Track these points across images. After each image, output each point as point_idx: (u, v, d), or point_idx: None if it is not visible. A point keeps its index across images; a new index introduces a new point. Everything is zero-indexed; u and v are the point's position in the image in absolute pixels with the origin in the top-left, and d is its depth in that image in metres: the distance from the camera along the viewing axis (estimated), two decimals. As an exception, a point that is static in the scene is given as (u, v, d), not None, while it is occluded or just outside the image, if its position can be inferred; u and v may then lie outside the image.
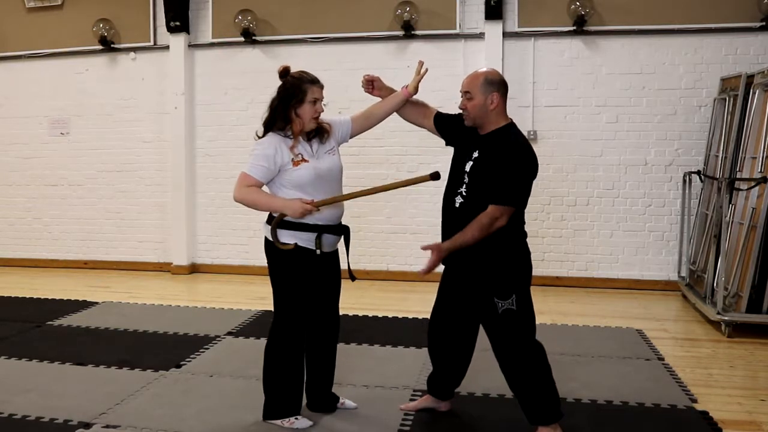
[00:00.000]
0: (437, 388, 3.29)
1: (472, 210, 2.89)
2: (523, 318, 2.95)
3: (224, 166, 7.00)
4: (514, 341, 2.96)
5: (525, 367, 2.96)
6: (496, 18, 6.32)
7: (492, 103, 2.92)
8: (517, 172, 2.86)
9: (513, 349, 2.97)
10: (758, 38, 6.03)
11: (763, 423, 3.26)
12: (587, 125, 6.35)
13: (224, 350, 4.37)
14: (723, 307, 4.77)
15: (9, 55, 7.46)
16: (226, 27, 6.88)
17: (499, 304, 2.90)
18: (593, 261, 6.44)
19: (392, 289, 6.35)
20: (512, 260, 2.95)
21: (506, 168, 2.84)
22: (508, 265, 2.94)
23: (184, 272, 7.10)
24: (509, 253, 2.94)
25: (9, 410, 3.31)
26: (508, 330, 2.94)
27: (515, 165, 2.86)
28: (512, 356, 2.97)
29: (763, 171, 4.86)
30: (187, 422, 3.22)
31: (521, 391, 2.99)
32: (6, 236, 7.66)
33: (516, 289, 2.92)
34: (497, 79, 2.97)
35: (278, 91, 3.09)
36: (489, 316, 2.96)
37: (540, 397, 2.96)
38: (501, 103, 2.95)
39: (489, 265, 2.92)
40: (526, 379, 2.97)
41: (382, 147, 6.51)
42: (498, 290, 2.91)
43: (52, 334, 4.72)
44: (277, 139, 3.03)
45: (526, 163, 2.89)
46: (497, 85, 2.95)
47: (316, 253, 3.02)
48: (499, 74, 3.03)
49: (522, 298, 2.94)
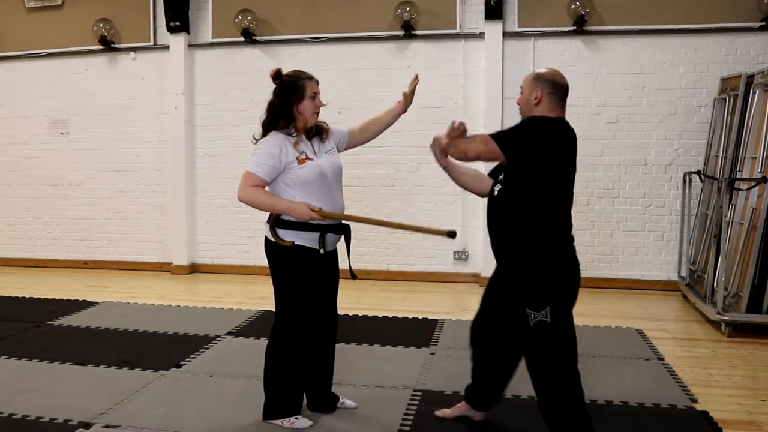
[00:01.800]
0: (473, 396, 3.15)
1: (510, 196, 2.81)
2: (559, 334, 2.72)
3: (224, 166, 7.00)
4: (547, 359, 2.74)
5: (557, 389, 2.74)
6: (496, 18, 6.32)
7: (536, 98, 2.84)
8: (517, 126, 2.81)
9: (545, 368, 2.75)
10: (758, 38, 6.03)
11: (763, 423, 3.26)
12: (587, 125, 6.34)
13: (224, 350, 4.37)
14: (723, 307, 4.77)
15: (9, 55, 7.46)
16: (226, 27, 6.88)
17: (531, 315, 2.70)
18: (593, 261, 6.44)
19: (392, 289, 6.35)
20: (550, 267, 2.74)
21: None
22: (545, 273, 2.73)
23: (184, 272, 7.10)
24: (546, 259, 2.74)
25: (9, 410, 3.31)
26: (539, 346, 2.74)
27: (519, 124, 2.83)
28: (544, 376, 2.76)
29: (763, 171, 4.86)
30: (187, 422, 3.22)
31: (550, 412, 2.79)
32: (6, 236, 7.66)
33: (551, 301, 2.70)
34: (546, 77, 2.87)
35: (275, 92, 3.09)
36: (522, 328, 2.75)
37: (569, 421, 2.76)
38: (545, 98, 2.83)
39: (525, 271, 2.76)
40: (556, 402, 2.76)
41: (383, 147, 6.50)
42: (531, 299, 2.72)
43: (52, 334, 4.72)
44: (281, 138, 3.03)
45: (533, 126, 2.79)
46: (543, 81, 2.85)
47: (319, 253, 3.02)
48: (552, 73, 2.90)
49: (559, 311, 2.71)
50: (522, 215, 2.78)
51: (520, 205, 2.78)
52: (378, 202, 6.72)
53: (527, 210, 2.77)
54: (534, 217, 2.76)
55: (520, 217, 2.79)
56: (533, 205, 2.76)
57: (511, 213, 2.81)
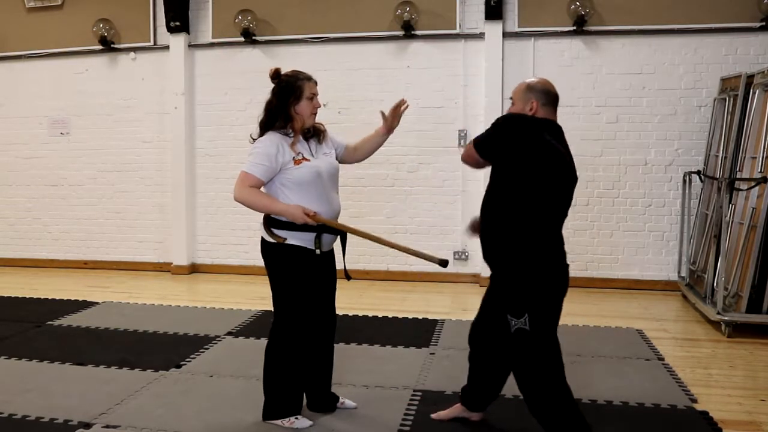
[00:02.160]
0: (469, 397, 3.14)
1: (493, 198, 2.82)
2: (539, 343, 2.68)
3: (224, 166, 7.00)
4: (527, 367, 2.72)
5: (541, 398, 2.72)
6: (496, 18, 6.32)
7: (531, 110, 2.83)
8: (493, 126, 2.82)
9: (526, 376, 2.74)
10: (758, 38, 6.04)
11: (763, 423, 3.26)
12: (587, 125, 6.34)
13: (224, 350, 4.37)
14: (723, 307, 4.77)
15: (9, 55, 7.46)
16: (226, 27, 6.88)
17: (512, 322, 2.68)
18: (593, 261, 6.44)
19: (392, 289, 6.35)
20: (530, 275, 2.69)
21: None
22: (524, 280, 2.69)
23: (184, 272, 7.10)
24: (527, 266, 2.69)
25: (9, 410, 3.31)
26: (520, 353, 2.72)
27: (494, 123, 2.83)
28: (526, 384, 2.75)
29: (763, 171, 4.86)
30: (187, 422, 3.22)
31: (540, 419, 2.77)
32: (6, 236, 7.66)
33: (531, 309, 2.66)
34: (539, 87, 2.86)
35: (273, 91, 3.09)
36: (503, 334, 2.73)
37: (559, 429, 2.74)
38: (540, 110, 2.83)
39: (505, 277, 2.74)
40: (541, 409, 2.74)
41: (383, 147, 6.49)
42: (510, 306, 2.69)
43: (52, 334, 4.72)
44: (278, 138, 3.02)
45: (507, 125, 2.80)
46: (537, 92, 2.85)
47: (315, 253, 3.02)
48: (543, 83, 2.90)
49: (539, 319, 2.67)
50: (504, 218, 2.76)
51: (502, 208, 2.77)
52: (378, 202, 6.72)
53: (508, 212, 2.74)
54: (515, 219, 2.72)
55: (502, 220, 2.76)
56: (514, 208, 2.73)
57: (495, 215, 2.80)
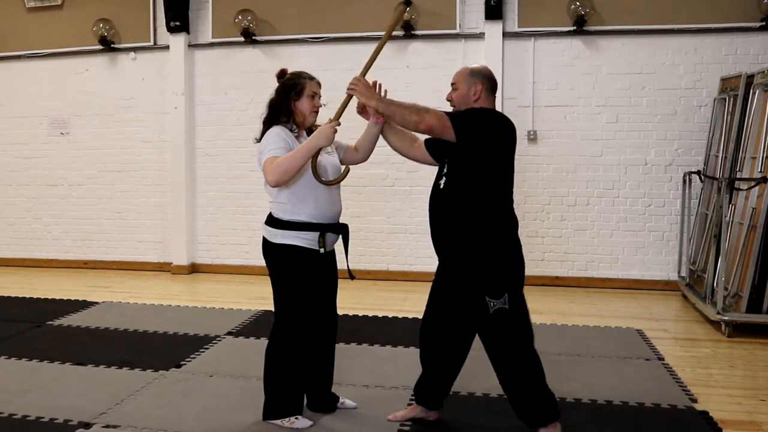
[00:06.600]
0: (426, 395, 3.17)
1: (456, 187, 2.86)
2: (518, 318, 2.85)
3: (224, 166, 7.01)
4: (509, 344, 2.86)
5: (521, 371, 2.86)
6: (496, 18, 6.32)
7: (475, 93, 2.93)
8: (468, 112, 2.88)
9: (507, 352, 2.87)
10: (758, 38, 6.04)
11: (763, 423, 3.26)
12: (587, 125, 6.35)
13: (224, 350, 4.37)
14: (723, 307, 4.77)
15: (9, 55, 7.46)
16: (226, 27, 6.88)
17: (491, 303, 2.80)
18: (593, 261, 6.44)
19: (392, 289, 6.35)
20: (504, 255, 2.85)
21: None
22: (501, 261, 2.84)
23: (184, 272, 7.10)
24: (501, 248, 2.84)
25: (9, 410, 3.31)
26: (502, 331, 2.85)
27: (470, 110, 2.89)
28: (507, 360, 2.87)
29: (763, 171, 4.86)
30: (187, 422, 3.22)
31: (517, 395, 2.90)
32: (6, 236, 7.66)
33: (509, 287, 2.83)
34: (484, 73, 2.98)
35: (276, 89, 3.14)
36: (481, 317, 2.84)
37: (536, 400, 2.88)
38: (484, 94, 2.94)
39: (480, 261, 2.83)
40: (522, 383, 2.88)
41: (383, 147, 6.45)
42: (489, 288, 2.82)
43: (52, 334, 4.72)
44: (284, 130, 3.06)
45: (483, 114, 2.87)
46: (481, 77, 2.95)
47: (318, 253, 3.03)
48: (487, 69, 3.03)
49: (515, 297, 2.84)
50: (473, 206, 2.83)
51: (471, 196, 2.84)
52: (378, 202, 6.72)
53: (478, 200, 2.83)
54: (485, 206, 2.84)
55: (471, 208, 2.84)
56: (484, 194, 2.84)
57: (461, 204, 2.86)
